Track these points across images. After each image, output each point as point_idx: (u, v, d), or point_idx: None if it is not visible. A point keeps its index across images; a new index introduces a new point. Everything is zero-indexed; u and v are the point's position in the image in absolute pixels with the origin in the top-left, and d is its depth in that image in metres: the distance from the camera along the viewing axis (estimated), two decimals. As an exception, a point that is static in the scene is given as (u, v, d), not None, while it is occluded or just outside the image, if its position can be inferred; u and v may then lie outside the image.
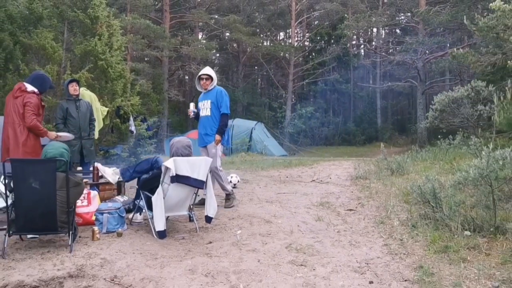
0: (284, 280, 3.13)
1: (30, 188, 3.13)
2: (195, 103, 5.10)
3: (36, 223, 3.21)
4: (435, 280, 3.15)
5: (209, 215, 3.99)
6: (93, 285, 2.89)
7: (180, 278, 3.05)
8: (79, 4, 7.90)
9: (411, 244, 3.92)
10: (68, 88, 5.44)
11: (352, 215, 4.90)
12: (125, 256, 3.32)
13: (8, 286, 2.81)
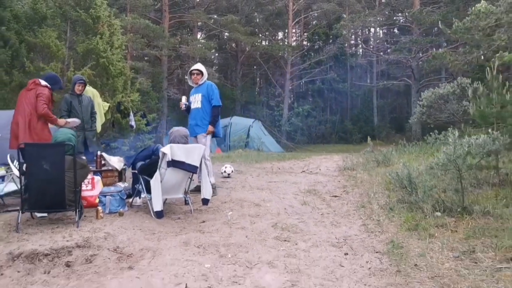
0: (268, 252, 3.52)
1: (41, 170, 3.50)
2: (187, 97, 5.46)
3: (47, 201, 3.59)
4: (402, 251, 3.53)
5: (205, 197, 4.37)
6: (98, 254, 3.28)
7: (175, 248, 3.43)
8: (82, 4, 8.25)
9: (386, 224, 4.30)
10: (74, 86, 5.80)
11: (336, 201, 5.28)
12: (126, 231, 3.71)
13: (23, 254, 3.19)
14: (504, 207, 4.31)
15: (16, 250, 3.23)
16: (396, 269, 3.21)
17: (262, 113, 25.32)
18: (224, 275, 3.03)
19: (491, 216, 4.14)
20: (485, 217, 4.13)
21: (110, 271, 3.04)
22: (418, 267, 3.22)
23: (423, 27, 17.40)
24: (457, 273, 3.08)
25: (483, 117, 4.90)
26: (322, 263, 3.32)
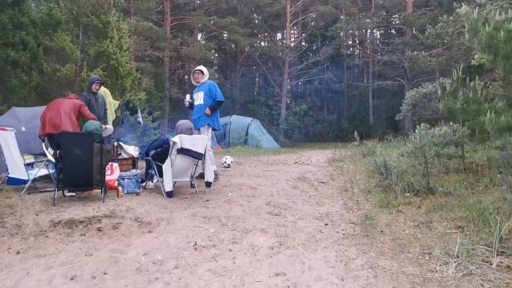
0: (262, 222, 4.25)
1: (74, 154, 4.24)
2: (191, 95, 6.17)
3: (78, 181, 4.33)
4: (373, 222, 4.26)
5: (208, 180, 5.11)
6: (122, 222, 4.01)
7: (184, 219, 4.17)
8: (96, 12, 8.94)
9: (363, 203, 5.05)
10: (92, 85, 6.52)
11: (323, 186, 6.02)
12: (143, 206, 4.44)
13: (62, 221, 3.93)
14: (464, 189, 5.05)
15: (56, 218, 3.97)
16: (365, 234, 3.95)
17: (261, 112, 26.04)
18: (225, 238, 3.77)
19: (452, 195, 4.89)
20: (446, 197, 4.87)
21: (134, 234, 3.78)
22: (384, 233, 3.96)
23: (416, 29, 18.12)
24: (413, 236, 3.81)
25: (450, 112, 5.63)
26: (305, 231, 4.06)
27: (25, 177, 4.85)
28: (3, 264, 3.19)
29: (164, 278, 2.94)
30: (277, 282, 2.92)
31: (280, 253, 3.45)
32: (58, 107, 5.30)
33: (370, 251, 3.51)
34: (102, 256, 3.26)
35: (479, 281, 2.82)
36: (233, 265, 3.21)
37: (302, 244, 3.67)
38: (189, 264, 3.20)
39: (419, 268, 3.12)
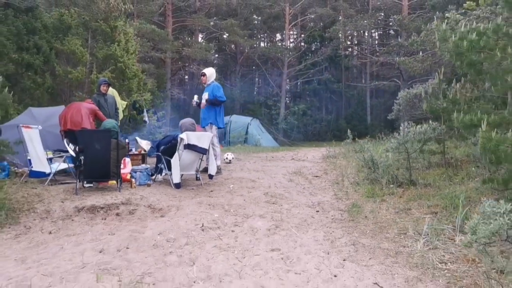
0: (260, 209, 4.80)
1: (94, 149, 4.78)
2: (199, 95, 6.70)
3: (97, 173, 4.87)
4: (359, 210, 4.81)
5: (211, 173, 5.65)
6: (137, 208, 4.56)
7: (192, 206, 4.71)
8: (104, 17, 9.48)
9: (352, 194, 5.59)
10: (100, 86, 7.05)
11: (317, 179, 6.57)
12: (155, 195, 4.99)
13: (85, 208, 4.47)
14: (442, 181, 5.59)
15: (79, 205, 4.51)
16: (351, 219, 4.50)
17: (260, 111, 26.55)
18: (228, 221, 4.31)
19: (431, 187, 5.43)
20: (426, 188, 5.41)
21: (148, 218, 4.32)
22: (367, 218, 4.50)
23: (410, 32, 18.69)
24: (393, 221, 4.36)
25: (432, 111, 6.17)
26: (298, 216, 4.60)
27: (47, 170, 5.39)
28: (39, 241, 3.73)
29: (177, 252, 3.49)
30: (273, 255, 3.46)
31: (275, 234, 4.00)
32: (79, 108, 5.85)
33: (354, 232, 4.06)
34: (123, 235, 3.80)
35: (441, 253, 3.36)
36: (235, 242, 3.75)
37: (295, 227, 4.21)
38: (197, 241, 3.74)
39: (393, 244, 3.67)
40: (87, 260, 3.28)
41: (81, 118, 5.80)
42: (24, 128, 5.39)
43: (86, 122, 5.79)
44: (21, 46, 8.38)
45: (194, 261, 3.30)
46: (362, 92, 30.18)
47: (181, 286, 2.87)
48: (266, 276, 3.05)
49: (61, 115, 6.05)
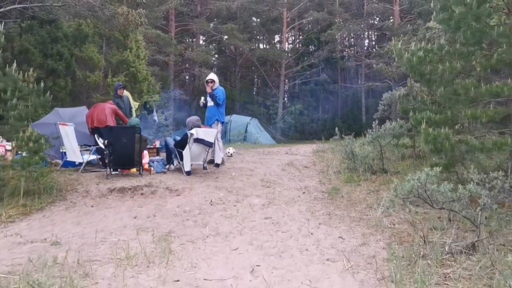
0: (257, 191, 5.88)
1: (121, 142, 5.87)
2: (205, 97, 7.75)
3: (123, 161, 5.96)
4: (337, 191, 5.89)
5: (217, 162, 6.74)
6: (158, 190, 5.64)
7: (201, 188, 5.80)
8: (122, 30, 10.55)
9: (334, 180, 6.69)
10: (117, 90, 8.12)
11: (306, 169, 7.66)
12: (171, 180, 6.08)
13: (116, 189, 5.56)
14: (409, 169, 6.69)
15: (111, 187, 5.61)
16: (330, 198, 5.59)
17: (259, 111, 27.63)
18: (231, 199, 5.40)
19: (399, 174, 6.52)
20: (395, 175, 6.50)
21: (167, 196, 5.42)
22: (343, 197, 5.59)
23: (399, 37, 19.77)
24: (363, 199, 5.44)
25: (404, 111, 7.25)
26: (288, 196, 5.69)
27: (80, 160, 6.48)
28: (85, 212, 4.83)
29: (192, 219, 4.58)
30: (266, 221, 4.55)
31: (268, 207, 5.09)
32: (103, 108, 6.94)
33: (330, 206, 5.16)
34: (150, 207, 4.90)
35: (393, 219, 4.45)
36: (237, 213, 4.84)
37: (284, 203, 5.31)
38: (207, 212, 4.83)
39: (359, 214, 4.77)
40: (126, 223, 4.38)
41: (105, 117, 6.89)
42: (61, 126, 6.47)
43: (110, 120, 6.88)
44: (45, 53, 9.44)
45: (206, 225, 4.40)
46: (357, 93, 31.27)
47: (198, 239, 3.96)
48: (260, 234, 4.14)
49: (88, 114, 7.15)
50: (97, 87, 10.13)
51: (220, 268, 3.24)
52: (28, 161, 4.99)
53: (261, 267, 3.26)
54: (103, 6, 7.89)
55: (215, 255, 3.52)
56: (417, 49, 4.92)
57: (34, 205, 4.94)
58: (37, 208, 4.90)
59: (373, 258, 3.39)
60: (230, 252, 3.63)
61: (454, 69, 4.77)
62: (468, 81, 4.71)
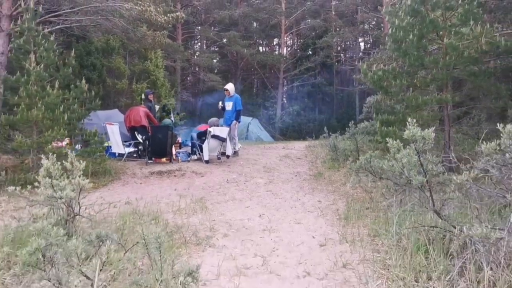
0: (260, 174, 7.76)
1: (157, 137, 7.74)
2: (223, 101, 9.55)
3: (159, 152, 7.84)
4: (321, 175, 7.77)
5: (227, 154, 8.62)
6: (186, 173, 7.53)
7: (219, 172, 7.69)
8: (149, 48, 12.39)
9: (320, 167, 8.57)
10: (148, 95, 9.98)
11: (299, 160, 9.55)
12: (194, 166, 7.97)
13: (155, 172, 7.44)
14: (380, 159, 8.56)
15: (151, 170, 7.49)
16: (314, 179, 7.48)
17: (259, 112, 29.50)
18: (241, 179, 7.29)
19: (370, 162, 8.39)
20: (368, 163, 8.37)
21: (194, 177, 7.30)
22: (325, 178, 7.48)
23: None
24: (340, 179, 7.30)
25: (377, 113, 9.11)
26: (283, 178, 7.58)
27: (123, 152, 8.36)
28: (137, 186, 6.70)
29: (215, 191, 6.45)
30: (267, 193, 6.43)
31: (269, 185, 6.97)
32: (138, 111, 8.81)
33: (315, 184, 7.04)
34: (183, 183, 6.79)
35: (358, 190, 6.32)
36: (247, 188, 6.72)
37: (281, 182, 7.19)
38: (225, 187, 6.72)
39: (334, 188, 6.65)
40: (169, 192, 6.26)
41: (140, 118, 8.77)
42: (108, 125, 8.34)
43: (144, 120, 8.76)
44: (82, 65, 11.30)
45: (226, 194, 6.28)
46: (351, 95, 33.16)
47: (221, 201, 5.83)
48: (263, 199, 6.02)
49: (126, 116, 9.02)
50: (123, 93, 11.97)
51: (239, 215, 5.12)
52: (94, 150, 6.86)
53: (265, 215, 5.13)
54: (135, 29, 9.71)
55: (234, 209, 5.41)
56: (378, 69, 6.81)
57: (100, 182, 6.82)
58: (103, 184, 6.78)
59: (337, 210, 5.27)
60: (244, 208, 5.52)
61: (403, 84, 6.67)
62: (412, 94, 6.62)
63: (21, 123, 6.77)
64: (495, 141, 2.92)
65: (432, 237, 3.26)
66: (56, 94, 6.82)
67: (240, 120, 9.54)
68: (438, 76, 6.31)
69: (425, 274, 2.77)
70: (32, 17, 7.01)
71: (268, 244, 3.93)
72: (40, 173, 3.99)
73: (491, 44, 5.75)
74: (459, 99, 7.66)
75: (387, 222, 4.02)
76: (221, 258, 3.48)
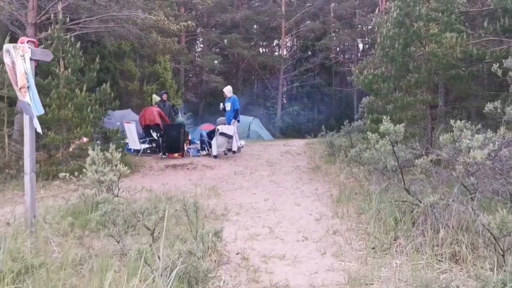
0: (264, 168, 8.64)
1: (171, 134, 8.62)
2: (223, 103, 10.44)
3: (172, 148, 8.72)
4: (319, 168, 8.64)
5: (233, 149, 9.50)
6: (197, 166, 8.41)
7: (227, 165, 8.56)
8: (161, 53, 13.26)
9: (318, 162, 9.44)
10: (162, 96, 10.84)
11: (298, 155, 10.43)
12: (204, 160, 8.85)
13: (169, 165, 8.32)
14: (371, 154, 9.43)
15: (166, 164, 8.37)
16: (313, 171, 8.35)
17: (260, 112, 30.37)
18: (247, 172, 8.16)
19: (363, 157, 9.27)
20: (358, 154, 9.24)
21: (205, 170, 8.18)
22: (322, 171, 8.35)
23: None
24: (335, 172, 8.18)
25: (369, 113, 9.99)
26: (285, 170, 8.45)
27: (139, 148, 9.23)
28: (155, 177, 7.58)
29: (225, 181, 7.32)
30: (271, 183, 7.31)
31: (272, 176, 7.85)
32: (152, 110, 9.68)
33: (312, 175, 7.92)
34: (196, 175, 7.67)
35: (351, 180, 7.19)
36: (252, 179, 7.60)
37: (282, 174, 8.07)
38: (233, 178, 7.59)
39: (330, 179, 7.52)
40: (185, 182, 7.14)
41: (154, 117, 9.64)
42: (126, 123, 9.22)
43: (157, 119, 9.63)
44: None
45: (234, 183, 7.15)
46: (349, 95, 34.03)
47: (231, 189, 6.70)
48: (267, 187, 6.89)
49: (140, 115, 9.90)
50: (134, 94, 12.83)
51: (247, 199, 5.99)
52: (119, 145, 7.72)
53: (269, 199, 6.00)
54: (147, 36, 10.57)
55: (243, 195, 6.28)
56: (368, 74, 7.70)
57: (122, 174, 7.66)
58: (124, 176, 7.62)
59: (331, 196, 6.13)
60: (251, 194, 6.39)
61: (390, 87, 7.55)
62: (399, 95, 7.50)
63: (52, 121, 7.64)
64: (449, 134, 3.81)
65: (404, 209, 4.14)
66: (84, 96, 7.70)
67: (239, 119, 10.40)
68: (421, 80, 7.18)
69: (393, 233, 3.65)
70: (61, 27, 7.89)
71: (273, 219, 4.81)
72: (87, 161, 4.89)
73: (465, 53, 6.63)
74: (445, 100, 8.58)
75: (369, 199, 4.88)
76: (236, 228, 4.35)
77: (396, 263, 3.28)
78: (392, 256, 3.42)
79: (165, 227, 3.25)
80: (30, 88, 3.92)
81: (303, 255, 3.60)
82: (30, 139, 4.00)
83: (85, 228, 3.86)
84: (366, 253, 3.54)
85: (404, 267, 3.19)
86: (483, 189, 3.43)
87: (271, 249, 3.76)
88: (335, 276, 3.14)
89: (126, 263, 2.91)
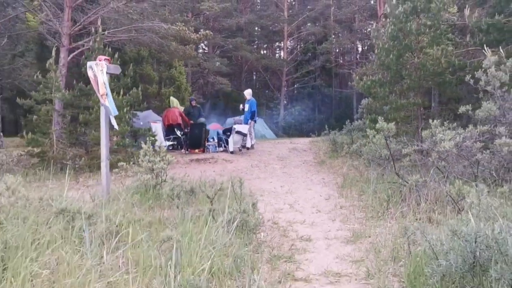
0: (275, 162, 9.84)
1: (195, 132, 9.81)
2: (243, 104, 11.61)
3: (195, 144, 9.93)
4: (324, 162, 9.84)
5: (247, 146, 10.70)
6: (218, 160, 9.61)
7: (243, 160, 9.77)
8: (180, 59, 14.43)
9: (322, 157, 10.65)
10: (191, 101, 12.01)
11: (305, 152, 11.65)
12: (223, 156, 10.05)
13: (194, 160, 9.52)
14: (370, 150, 10.64)
15: (191, 158, 9.57)
16: (319, 165, 9.56)
17: (263, 112, 31.57)
18: (262, 165, 9.37)
19: (363, 153, 10.47)
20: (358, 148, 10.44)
21: (225, 163, 9.38)
22: (327, 165, 9.55)
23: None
24: (338, 165, 9.39)
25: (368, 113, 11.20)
26: (294, 164, 9.65)
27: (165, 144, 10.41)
28: (182, 170, 8.76)
29: (244, 172, 8.52)
30: (283, 174, 8.51)
31: (284, 169, 9.04)
32: (174, 111, 10.87)
33: (319, 168, 9.12)
34: (219, 167, 8.86)
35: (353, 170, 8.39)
36: (267, 171, 8.80)
37: (292, 167, 9.27)
38: (251, 170, 8.79)
39: (334, 170, 8.72)
40: (210, 173, 8.33)
41: (177, 117, 10.84)
42: (152, 123, 10.41)
43: (179, 119, 10.83)
44: (119, 72, 13.33)
45: (252, 174, 8.35)
46: (349, 96, 35.25)
47: (250, 179, 7.88)
48: (281, 177, 8.09)
49: (164, 116, 11.10)
50: (154, 96, 14.00)
51: (267, 186, 7.18)
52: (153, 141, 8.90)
53: (284, 186, 7.20)
54: (169, 44, 11.75)
55: (262, 183, 7.48)
56: (367, 80, 8.91)
57: (154, 166, 8.86)
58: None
59: (336, 183, 7.33)
60: (268, 182, 7.59)
61: (386, 91, 8.76)
62: (393, 98, 8.70)
63: (94, 120, 8.82)
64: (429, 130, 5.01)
65: (394, 189, 5.34)
66: (121, 99, 8.88)
67: (255, 120, 11.62)
68: (412, 85, 8.39)
69: (386, 204, 4.86)
70: (101, 39, 9.08)
71: (291, 199, 6.01)
72: (141, 153, 6.09)
73: (449, 63, 7.84)
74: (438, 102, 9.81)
75: (368, 184, 6.08)
76: (264, 205, 5.55)
77: (387, 225, 4.49)
78: (385, 220, 4.62)
79: (218, 198, 4.45)
80: (108, 94, 5.11)
81: (318, 221, 4.80)
82: (105, 133, 5.19)
83: (152, 203, 5.06)
84: (365, 219, 4.74)
85: (393, 227, 4.39)
86: (452, 170, 4.63)
87: (293, 217, 4.96)
88: (343, 233, 4.34)
89: (196, 220, 4.11)
